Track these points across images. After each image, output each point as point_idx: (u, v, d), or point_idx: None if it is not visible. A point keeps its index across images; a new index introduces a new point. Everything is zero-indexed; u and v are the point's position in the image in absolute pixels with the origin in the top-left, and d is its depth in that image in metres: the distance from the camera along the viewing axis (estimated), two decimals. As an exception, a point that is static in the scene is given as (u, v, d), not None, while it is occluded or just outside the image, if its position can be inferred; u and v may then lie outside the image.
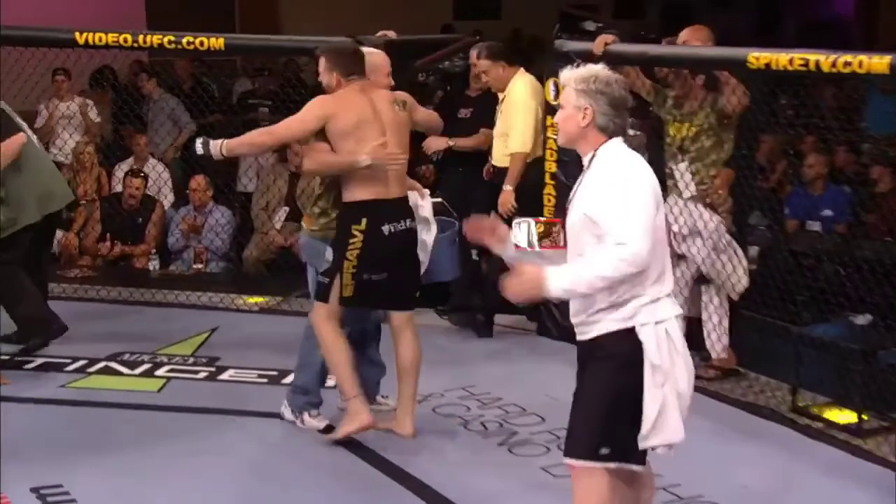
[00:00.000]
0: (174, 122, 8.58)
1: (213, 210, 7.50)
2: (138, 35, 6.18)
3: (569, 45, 5.54)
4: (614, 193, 2.85)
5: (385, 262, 4.34)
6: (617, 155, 2.93)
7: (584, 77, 2.91)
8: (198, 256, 7.42)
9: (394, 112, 4.38)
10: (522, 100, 5.74)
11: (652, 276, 2.90)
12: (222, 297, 6.59)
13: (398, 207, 4.37)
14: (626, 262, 2.82)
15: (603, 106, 2.90)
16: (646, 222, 2.83)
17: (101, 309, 6.52)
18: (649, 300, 2.90)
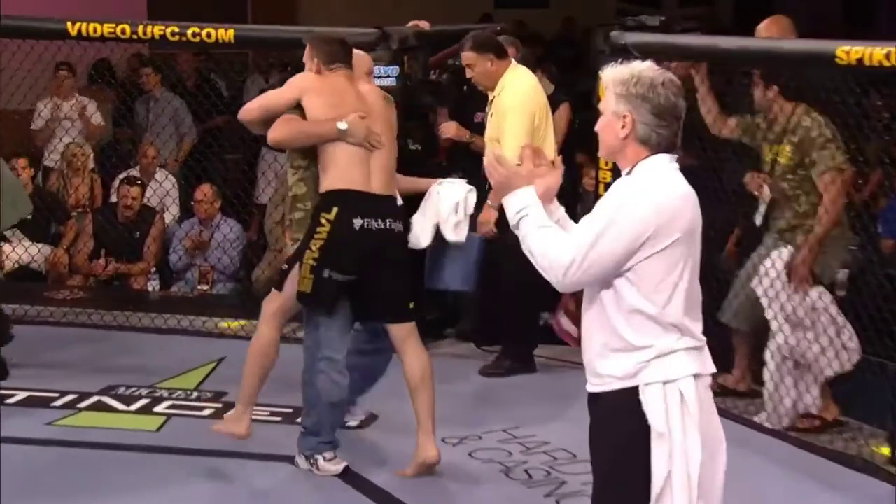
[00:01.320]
0: (176, 127, 8.59)
1: (220, 224, 7.51)
2: (138, 26, 6.20)
3: (628, 37, 5.47)
4: (602, 206, 2.76)
5: (353, 262, 4.38)
6: (651, 173, 2.77)
7: (624, 79, 2.77)
8: (203, 276, 7.43)
9: (383, 105, 4.52)
10: (516, 102, 5.60)
11: (665, 322, 2.75)
12: (230, 324, 6.56)
13: (379, 203, 4.41)
14: (555, 272, 2.74)
15: (644, 114, 2.75)
16: (607, 255, 2.71)
17: (94, 335, 6.51)
18: (657, 354, 2.76)
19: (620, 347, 2.77)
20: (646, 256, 2.71)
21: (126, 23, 6.15)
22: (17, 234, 7.67)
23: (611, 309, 2.77)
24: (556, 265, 2.73)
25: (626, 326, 2.75)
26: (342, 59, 4.50)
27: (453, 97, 6.21)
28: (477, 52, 5.62)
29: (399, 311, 4.53)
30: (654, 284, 2.73)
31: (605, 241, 2.69)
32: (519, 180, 2.84)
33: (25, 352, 6.02)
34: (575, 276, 2.72)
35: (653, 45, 5.28)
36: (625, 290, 2.74)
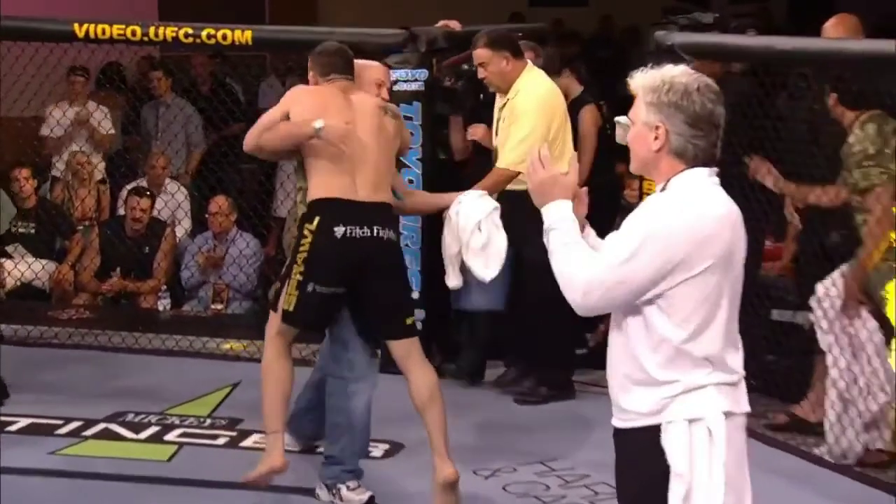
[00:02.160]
0: (187, 136, 8.62)
1: (236, 238, 7.52)
2: (149, 27, 6.23)
3: (675, 37, 5.44)
4: (630, 225, 2.69)
5: (336, 273, 4.40)
6: (686, 190, 2.70)
7: (654, 85, 2.70)
8: (217, 295, 7.44)
9: (377, 116, 4.56)
10: (533, 106, 5.51)
11: (695, 355, 2.69)
12: (246, 345, 6.57)
13: (364, 210, 4.43)
14: (574, 292, 2.70)
15: (678, 124, 2.69)
16: (632, 279, 2.65)
17: (100, 358, 6.53)
18: (683, 389, 2.69)
19: (644, 380, 2.71)
20: (676, 283, 2.65)
21: (136, 24, 6.19)
22: (20, 250, 7.73)
23: (636, 337, 2.72)
24: (575, 285, 2.69)
25: (651, 358, 2.70)
26: (340, 70, 4.60)
27: (469, 105, 6.13)
28: (492, 50, 5.53)
29: (397, 326, 4.53)
30: (685, 313, 2.67)
31: (631, 264, 2.65)
32: (559, 190, 2.81)
33: (28, 376, 6.05)
34: (595, 298, 2.68)
35: (702, 46, 5.26)
36: (653, 317, 2.69)
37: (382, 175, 4.52)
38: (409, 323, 4.54)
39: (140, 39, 6.23)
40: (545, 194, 2.80)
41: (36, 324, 6.87)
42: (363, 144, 4.48)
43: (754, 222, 5.06)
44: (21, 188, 7.72)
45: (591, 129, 6.28)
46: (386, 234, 4.46)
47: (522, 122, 5.45)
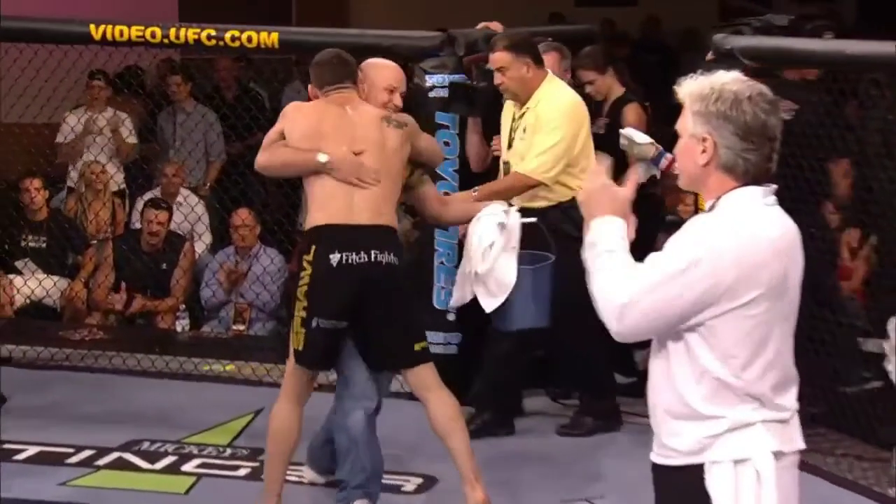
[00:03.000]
0: (206, 146, 8.65)
1: (260, 254, 7.52)
2: (169, 28, 6.24)
3: (734, 41, 5.40)
4: (674, 246, 2.65)
5: (337, 304, 4.42)
6: (736, 210, 2.66)
7: (703, 94, 2.66)
8: (239, 314, 7.44)
9: (378, 129, 4.55)
10: (558, 115, 5.41)
11: (741, 390, 2.65)
12: (270, 369, 6.55)
13: (360, 234, 4.45)
14: (609, 313, 2.66)
15: (728, 136, 2.64)
16: (672, 304, 2.61)
17: (114, 382, 6.54)
18: (729, 427, 2.65)
19: (685, 415, 2.68)
20: (721, 312, 2.61)
21: (156, 25, 6.21)
22: (30, 265, 7.75)
23: (678, 368, 2.68)
24: (611, 307, 2.64)
25: (693, 391, 2.66)
26: (338, 80, 4.61)
27: (486, 104, 5.93)
28: (513, 54, 5.43)
29: (405, 354, 4.55)
30: (731, 345, 2.63)
31: (671, 288, 2.60)
32: (612, 204, 2.76)
33: (37, 400, 6.09)
34: (632, 323, 2.63)
35: (765, 50, 5.22)
36: (696, 347, 2.65)
37: (384, 196, 4.51)
38: (419, 349, 4.55)
39: (160, 42, 6.24)
40: (596, 206, 2.76)
41: (46, 344, 6.88)
42: (369, 174, 4.48)
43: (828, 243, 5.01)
44: (32, 199, 7.74)
45: (638, 122, 6.15)
46: (385, 259, 4.45)
47: (549, 131, 5.41)
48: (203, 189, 8.57)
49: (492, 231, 4.69)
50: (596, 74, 6.22)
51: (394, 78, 4.75)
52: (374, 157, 4.51)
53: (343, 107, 4.57)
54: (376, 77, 4.71)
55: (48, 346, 6.87)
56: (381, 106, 4.67)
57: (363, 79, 4.70)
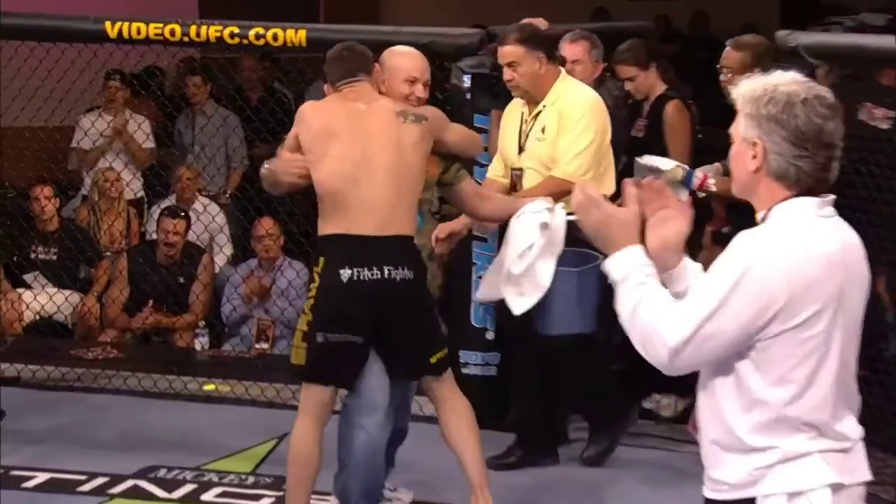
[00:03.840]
0: (227, 152, 8.67)
1: (284, 267, 7.52)
2: (189, 26, 6.26)
3: (799, 37, 5.37)
4: (721, 265, 2.64)
5: (347, 319, 4.46)
6: (789, 223, 2.65)
7: (755, 95, 2.67)
8: (262, 332, 7.45)
9: (393, 125, 4.54)
10: (582, 114, 5.35)
11: (796, 419, 2.64)
12: (295, 391, 6.48)
13: (373, 247, 4.46)
14: (660, 354, 2.64)
15: (778, 141, 2.64)
16: (725, 330, 2.61)
17: (129, 404, 6.56)
18: (781, 458, 2.65)
19: (734, 447, 2.68)
20: (774, 333, 2.60)
21: (176, 22, 6.22)
22: (40, 279, 7.79)
23: (726, 397, 2.68)
24: (658, 346, 2.64)
25: (742, 421, 2.66)
26: (348, 74, 4.63)
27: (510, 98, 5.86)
28: (525, 48, 5.35)
29: (421, 365, 4.62)
30: (784, 370, 2.62)
31: (721, 314, 2.60)
32: (622, 230, 2.76)
33: (47, 422, 6.11)
34: (684, 359, 2.64)
35: (834, 48, 5.20)
36: (746, 374, 2.64)
37: (398, 199, 4.50)
38: (435, 360, 4.61)
39: (179, 40, 6.26)
40: (606, 238, 2.77)
41: (57, 364, 6.89)
42: (373, 166, 4.48)
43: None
44: (42, 208, 7.77)
45: (680, 122, 6.11)
46: (399, 275, 4.47)
47: (581, 131, 5.35)
48: (224, 197, 8.58)
49: (533, 231, 4.69)
50: (637, 71, 6.17)
51: (415, 68, 4.72)
52: (388, 155, 4.50)
53: (355, 102, 4.58)
54: (395, 67, 4.70)
55: (59, 366, 6.89)
56: (402, 99, 4.66)
57: (382, 70, 4.69)
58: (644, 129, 6.20)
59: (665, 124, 6.09)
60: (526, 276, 4.69)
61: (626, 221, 2.77)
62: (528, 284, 4.71)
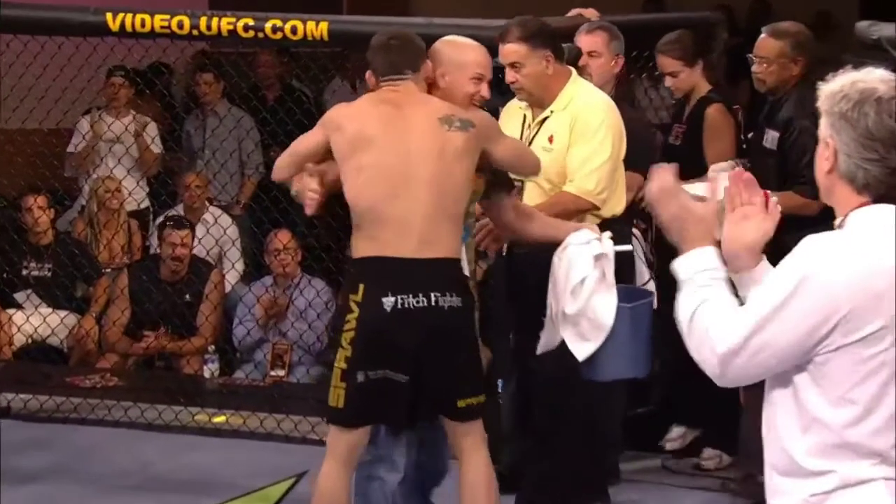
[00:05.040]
0: (241, 157, 8.66)
1: (303, 285, 7.52)
2: (199, 18, 6.26)
3: (883, 29, 5.38)
4: (782, 270, 2.69)
5: (390, 355, 4.42)
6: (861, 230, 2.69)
7: (833, 90, 2.74)
8: (278, 357, 7.44)
9: (436, 132, 4.47)
10: (601, 122, 5.23)
11: (857, 442, 2.66)
12: (315, 424, 6.52)
13: (420, 272, 4.42)
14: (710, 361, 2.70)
15: (847, 141, 2.70)
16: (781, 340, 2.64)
17: (132, 438, 6.55)
18: (840, 483, 2.67)
19: (789, 471, 2.71)
20: (834, 347, 2.64)
21: (184, 14, 6.23)
22: (33, 299, 7.80)
23: (784, 415, 2.72)
24: (712, 353, 2.69)
25: (799, 443, 2.69)
26: (392, 71, 4.58)
27: None
28: (529, 46, 5.17)
29: (444, 407, 4.55)
30: (846, 388, 2.65)
31: (779, 322, 2.64)
32: (697, 226, 2.82)
33: (40, 459, 6.10)
34: (736, 369, 2.68)
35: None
36: (805, 390, 2.68)
37: (442, 215, 4.45)
38: (463, 405, 4.52)
39: (188, 33, 6.26)
40: (679, 233, 2.84)
41: (51, 393, 6.89)
42: (412, 179, 4.42)
43: None
44: (35, 220, 7.79)
45: (722, 128, 6.03)
46: (448, 302, 4.43)
47: (598, 143, 5.24)
48: (236, 208, 8.58)
49: (583, 263, 4.64)
50: (682, 66, 6.05)
51: (482, 63, 4.68)
52: (429, 166, 4.45)
53: (396, 105, 4.53)
54: (461, 62, 4.65)
55: (53, 395, 6.89)
56: (466, 99, 4.62)
57: (439, 64, 4.62)
58: (681, 135, 6.13)
59: (705, 130, 6.01)
60: (583, 315, 4.63)
61: (702, 217, 2.83)
62: (586, 324, 4.64)
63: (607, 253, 4.67)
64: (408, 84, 4.57)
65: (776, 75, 5.55)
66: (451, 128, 4.49)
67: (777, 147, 5.49)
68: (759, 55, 5.58)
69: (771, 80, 5.58)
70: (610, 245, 4.69)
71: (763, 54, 5.57)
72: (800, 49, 5.51)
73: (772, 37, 5.59)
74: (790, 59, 5.55)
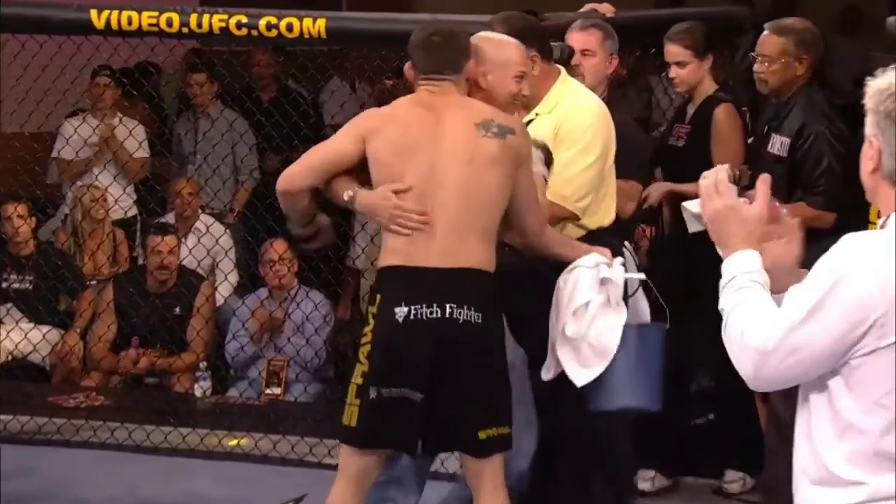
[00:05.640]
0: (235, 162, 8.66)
1: (300, 297, 7.50)
2: (189, 15, 6.26)
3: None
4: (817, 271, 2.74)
5: (404, 369, 4.38)
6: None
7: (880, 88, 2.80)
8: (274, 374, 7.43)
9: (471, 138, 4.41)
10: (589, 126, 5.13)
11: (889, 451, 2.70)
12: (313, 446, 6.54)
13: (437, 282, 4.38)
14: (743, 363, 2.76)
15: (890, 141, 2.76)
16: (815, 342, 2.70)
17: (119, 461, 6.53)
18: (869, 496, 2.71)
19: (822, 480, 2.76)
20: (868, 350, 2.68)
21: (173, 11, 6.22)
22: (14, 313, 7.80)
23: (818, 422, 2.78)
24: (746, 354, 2.77)
25: (834, 450, 2.74)
26: (433, 69, 4.51)
27: None
28: None
29: (465, 439, 4.47)
30: (880, 394, 2.69)
31: (813, 323, 2.70)
32: (740, 227, 2.92)
33: (21, 484, 6.06)
34: (769, 372, 2.75)
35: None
36: (839, 396, 2.73)
37: (470, 225, 4.40)
38: (485, 437, 4.43)
39: (178, 31, 6.25)
40: (720, 232, 2.94)
41: (32, 413, 6.88)
42: (440, 185, 4.38)
43: None
44: (16, 230, 7.80)
45: (731, 131, 5.98)
46: (463, 315, 4.36)
47: (582, 148, 5.13)
48: (230, 216, 8.56)
49: (589, 286, 4.63)
50: (691, 56, 5.97)
51: (522, 62, 4.66)
52: (459, 172, 4.39)
53: (433, 109, 4.46)
54: (506, 61, 4.62)
55: (35, 416, 6.87)
56: (509, 98, 4.60)
57: (481, 62, 4.58)
58: (686, 136, 6.07)
59: (713, 132, 5.96)
60: (584, 339, 4.61)
61: (747, 218, 2.92)
62: (587, 349, 4.63)
63: (613, 278, 4.65)
64: (447, 85, 4.50)
65: (779, 75, 5.50)
66: (488, 133, 4.43)
67: (788, 154, 5.43)
68: (762, 53, 5.54)
69: (774, 80, 5.54)
70: (621, 271, 4.69)
71: (765, 52, 5.53)
72: (804, 47, 5.45)
73: (775, 34, 5.55)
74: (794, 58, 5.50)
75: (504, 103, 4.62)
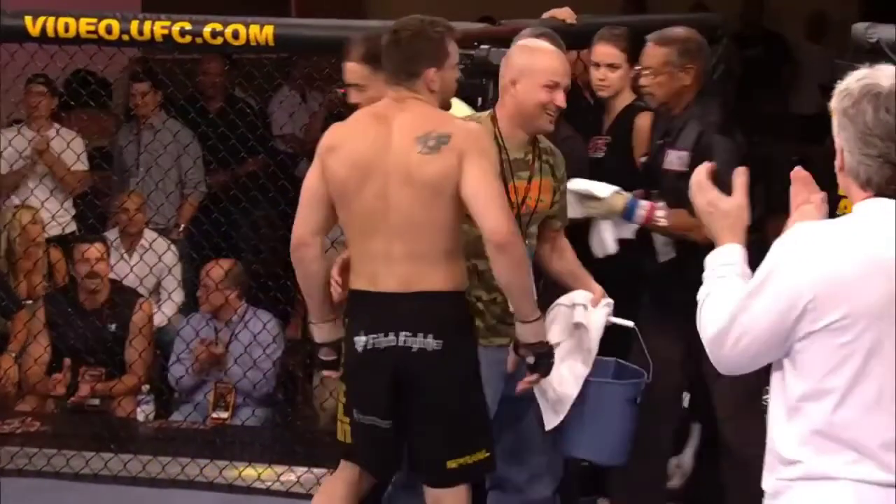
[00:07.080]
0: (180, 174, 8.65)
1: (249, 317, 7.52)
2: (130, 21, 6.26)
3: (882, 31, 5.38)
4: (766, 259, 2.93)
5: (370, 399, 4.44)
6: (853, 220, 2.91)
7: (840, 87, 2.95)
8: (221, 398, 7.43)
9: (408, 154, 4.33)
10: None
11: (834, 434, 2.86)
12: (262, 472, 6.53)
13: (391, 308, 4.37)
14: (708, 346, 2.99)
15: (849, 139, 2.91)
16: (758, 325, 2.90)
17: (56, 489, 6.51)
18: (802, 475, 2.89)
19: (772, 456, 2.97)
20: (804, 334, 2.87)
21: (113, 17, 6.22)
22: (-57, 336, 7.73)
23: (774, 404, 2.98)
24: (708, 337, 2.99)
25: (783, 429, 2.93)
26: (392, 75, 4.42)
27: None
28: (371, 67, 4.80)
29: (432, 470, 4.51)
30: (820, 376, 2.87)
31: (753, 308, 2.92)
32: (723, 221, 3.10)
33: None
34: (726, 354, 2.97)
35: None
36: (788, 378, 2.93)
37: (424, 251, 4.36)
38: (453, 467, 4.46)
39: (118, 38, 6.26)
40: (709, 227, 3.12)
41: None
42: (389, 209, 4.35)
43: None
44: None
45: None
46: (417, 344, 4.37)
47: None
48: (175, 231, 8.55)
49: (561, 329, 4.70)
50: (623, 60, 5.94)
51: (556, 70, 4.62)
52: (403, 196, 4.34)
53: (386, 122, 4.39)
54: (531, 68, 4.60)
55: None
56: (538, 109, 4.57)
57: (509, 69, 4.56)
58: (605, 147, 6.07)
59: (635, 140, 5.98)
60: (549, 383, 4.65)
61: (727, 212, 3.10)
62: (552, 394, 4.69)
63: (586, 324, 4.69)
64: (402, 92, 4.41)
65: (665, 87, 5.43)
66: (424, 148, 4.32)
67: (689, 166, 5.28)
68: (646, 66, 5.50)
69: (660, 92, 5.47)
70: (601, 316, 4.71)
71: (649, 64, 5.48)
72: (688, 56, 5.41)
73: (657, 44, 5.50)
74: (678, 68, 5.43)
75: (533, 114, 4.61)
